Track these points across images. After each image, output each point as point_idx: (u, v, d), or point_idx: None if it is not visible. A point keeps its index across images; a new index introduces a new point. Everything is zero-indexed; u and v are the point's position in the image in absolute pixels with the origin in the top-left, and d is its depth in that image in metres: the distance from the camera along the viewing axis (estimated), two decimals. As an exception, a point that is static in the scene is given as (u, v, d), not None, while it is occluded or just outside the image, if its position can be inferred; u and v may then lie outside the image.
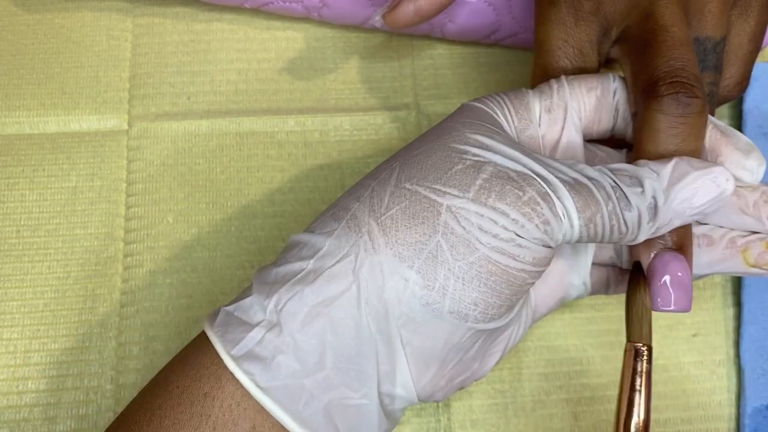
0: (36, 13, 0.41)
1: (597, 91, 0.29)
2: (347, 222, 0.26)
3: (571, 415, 0.35)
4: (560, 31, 0.30)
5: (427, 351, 0.26)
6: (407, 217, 0.25)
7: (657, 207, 0.25)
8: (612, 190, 0.25)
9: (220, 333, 0.25)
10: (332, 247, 0.25)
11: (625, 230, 0.25)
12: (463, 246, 0.24)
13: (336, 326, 0.25)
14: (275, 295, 0.25)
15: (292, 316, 0.25)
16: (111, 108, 0.39)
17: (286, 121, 0.39)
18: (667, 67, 0.27)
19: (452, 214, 0.24)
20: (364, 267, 0.25)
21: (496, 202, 0.24)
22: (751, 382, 0.35)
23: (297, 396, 0.24)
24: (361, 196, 0.26)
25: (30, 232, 0.36)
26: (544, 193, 0.25)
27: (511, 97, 0.28)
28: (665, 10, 0.28)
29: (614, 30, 0.30)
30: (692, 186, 0.25)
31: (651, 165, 0.26)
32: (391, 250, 0.25)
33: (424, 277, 0.24)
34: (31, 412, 0.33)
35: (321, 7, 0.38)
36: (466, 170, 0.25)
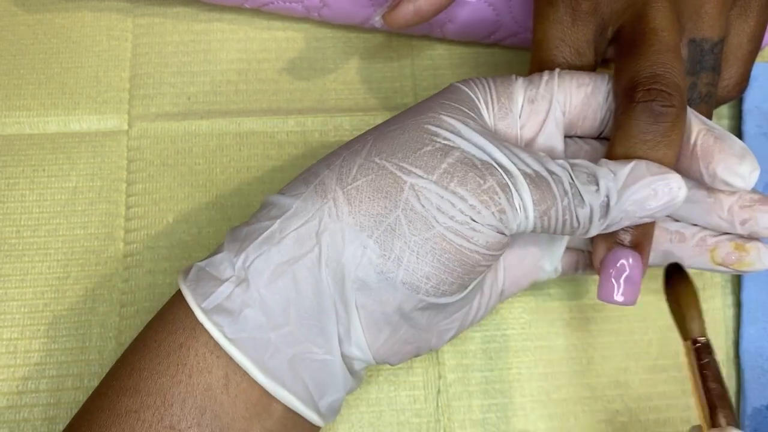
0: (36, 13, 0.41)
1: (587, 88, 0.29)
2: (315, 187, 0.27)
3: (571, 414, 0.35)
4: (558, 31, 0.30)
5: (379, 316, 0.27)
6: (372, 190, 0.26)
7: (609, 206, 0.26)
8: (569, 187, 0.26)
9: (192, 287, 0.27)
10: (299, 209, 0.27)
11: (577, 225, 0.27)
12: (420, 222, 0.26)
13: (299, 284, 0.26)
14: (243, 252, 0.27)
15: (259, 273, 0.26)
16: (111, 108, 0.39)
17: (286, 122, 0.39)
18: (648, 72, 0.27)
19: (414, 192, 0.26)
20: (326, 231, 0.26)
21: (457, 187, 0.26)
22: (751, 382, 0.35)
23: (263, 348, 0.26)
24: (332, 164, 0.28)
25: (30, 232, 0.36)
26: (504, 184, 0.26)
27: (497, 83, 0.29)
28: (657, 12, 0.28)
29: (610, 29, 0.30)
30: (645, 190, 0.26)
31: (610, 165, 0.27)
32: (353, 218, 0.26)
33: (381, 247, 0.26)
34: (31, 412, 0.33)
35: (321, 7, 0.38)
36: (434, 152, 0.26)
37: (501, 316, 0.36)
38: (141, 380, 0.26)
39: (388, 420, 0.34)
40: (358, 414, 0.34)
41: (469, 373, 0.35)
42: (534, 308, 0.36)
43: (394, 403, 0.34)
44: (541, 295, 0.37)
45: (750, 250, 0.29)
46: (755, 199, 0.29)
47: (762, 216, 0.28)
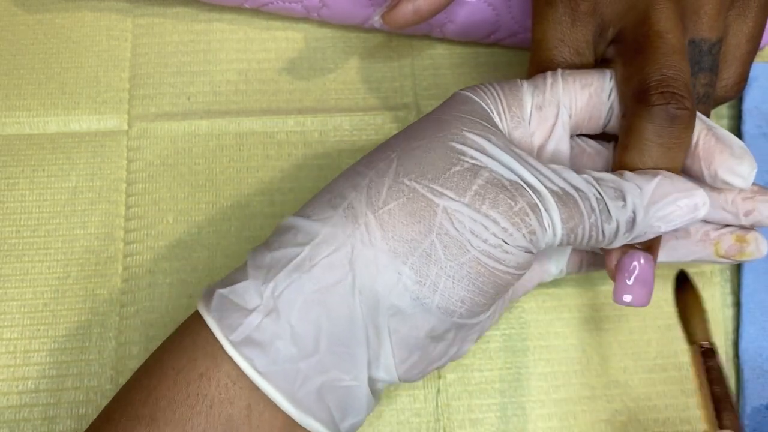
0: (36, 13, 0.41)
1: (591, 88, 0.29)
2: (344, 211, 0.26)
3: (571, 414, 0.35)
4: (557, 31, 0.30)
5: (412, 340, 0.27)
6: (405, 214, 0.26)
7: (635, 221, 0.27)
8: (596, 203, 0.26)
9: (217, 317, 0.26)
10: (329, 235, 0.26)
11: (602, 239, 0.27)
12: (456, 247, 0.25)
13: (331, 312, 0.26)
14: (272, 281, 0.26)
15: (289, 303, 0.25)
16: (111, 108, 0.39)
17: (286, 121, 0.39)
18: (659, 76, 0.27)
19: (447, 215, 0.25)
20: (360, 259, 0.25)
21: (490, 209, 0.25)
22: (751, 382, 0.35)
23: (293, 378, 0.25)
24: (358, 185, 0.27)
25: (30, 232, 0.36)
26: (534, 204, 0.26)
27: (505, 91, 0.29)
28: (661, 15, 0.28)
29: (610, 30, 0.30)
30: (671, 207, 0.27)
31: (636, 179, 0.27)
32: (387, 244, 0.25)
33: (417, 273, 0.25)
34: (31, 412, 0.33)
35: (321, 7, 0.38)
36: (464, 173, 0.26)
37: (501, 316, 0.36)
38: (158, 409, 0.25)
39: (388, 419, 0.34)
40: (357, 414, 0.34)
41: (469, 373, 0.35)
42: (534, 308, 0.36)
43: (393, 402, 0.34)
44: (541, 296, 0.37)
45: (750, 241, 0.30)
46: (755, 191, 0.30)
47: (764, 206, 0.30)
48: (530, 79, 0.29)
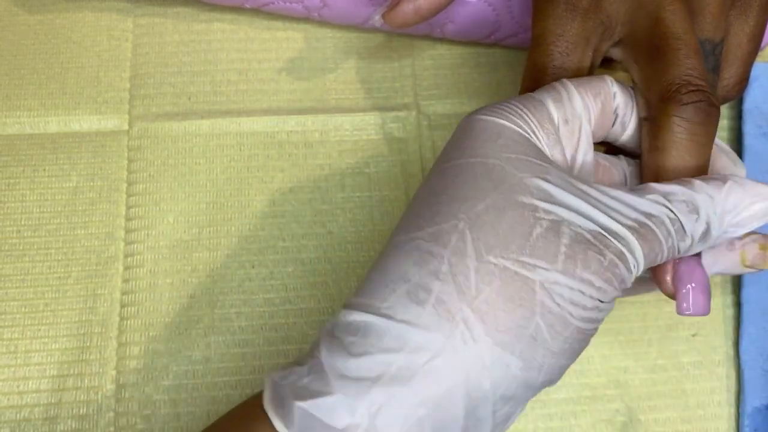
0: (36, 13, 0.41)
1: (601, 96, 0.29)
2: (434, 307, 0.24)
3: (571, 414, 0.35)
4: (556, 27, 0.30)
5: (509, 413, 0.25)
6: (503, 300, 0.24)
7: (709, 233, 0.26)
8: (671, 224, 0.25)
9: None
10: (424, 338, 0.23)
11: (677, 254, 0.26)
12: (559, 324, 0.24)
13: (434, 423, 0.24)
14: (366, 396, 0.23)
15: (389, 421, 0.23)
16: (111, 108, 0.39)
17: (287, 121, 0.39)
18: (685, 76, 0.27)
19: (546, 291, 0.24)
20: (465, 360, 0.23)
21: (583, 272, 0.24)
22: (751, 381, 0.35)
23: None
24: (439, 271, 0.24)
25: (30, 232, 0.36)
26: (621, 253, 0.24)
27: (530, 109, 0.27)
28: (675, 16, 0.28)
29: (618, 29, 0.30)
30: (745, 213, 0.26)
31: (706, 188, 0.26)
32: (491, 338, 0.23)
33: (524, 361, 0.24)
34: (31, 412, 0.33)
35: (321, 7, 0.38)
36: (546, 235, 0.24)
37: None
38: None
39: (389, 420, 0.34)
40: (358, 414, 0.34)
41: (469, 373, 0.35)
42: (534, 308, 0.36)
43: (394, 402, 0.34)
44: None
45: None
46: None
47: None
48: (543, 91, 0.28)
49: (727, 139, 0.40)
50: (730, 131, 0.40)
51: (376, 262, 0.26)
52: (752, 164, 0.38)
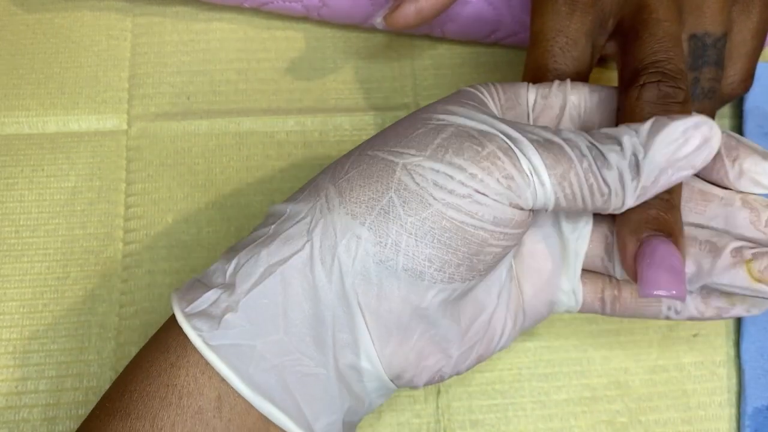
0: (35, 12, 0.41)
1: (601, 93, 0.29)
2: (309, 189, 0.26)
3: (571, 415, 0.35)
4: (555, 22, 0.30)
5: (387, 315, 0.25)
6: (362, 178, 0.25)
7: (639, 163, 0.24)
8: (588, 150, 0.24)
9: (180, 295, 0.26)
10: (293, 212, 0.26)
11: (607, 191, 0.24)
12: (416, 201, 0.24)
13: (288, 286, 0.25)
14: (235, 258, 0.26)
15: (246, 277, 0.25)
16: (110, 108, 0.39)
17: (286, 121, 0.39)
18: (651, 58, 0.27)
19: (407, 171, 0.24)
20: (318, 227, 0.25)
21: (453, 157, 0.24)
22: (752, 382, 0.35)
23: (247, 357, 0.24)
24: (328, 168, 0.27)
25: (29, 232, 0.36)
26: (506, 147, 0.24)
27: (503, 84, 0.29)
28: (659, 4, 0.28)
29: (610, 21, 0.30)
30: (673, 135, 0.24)
31: (631, 126, 0.25)
32: (345, 208, 0.25)
33: (376, 234, 0.24)
34: (30, 413, 0.33)
35: (321, 6, 0.38)
36: (427, 132, 0.25)
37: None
38: (131, 402, 0.25)
39: (388, 421, 0.34)
40: (358, 414, 0.34)
41: (469, 374, 0.35)
42: (534, 308, 0.36)
43: (393, 403, 0.34)
44: (542, 296, 0.36)
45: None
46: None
47: None
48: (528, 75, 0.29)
49: (728, 139, 0.40)
50: (731, 130, 0.40)
51: None
52: (753, 164, 0.38)
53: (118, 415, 0.25)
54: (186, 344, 0.25)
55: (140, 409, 0.24)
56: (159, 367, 0.25)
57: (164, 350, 0.25)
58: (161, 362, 0.25)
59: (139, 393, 0.25)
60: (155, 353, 0.26)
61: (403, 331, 0.25)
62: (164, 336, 0.26)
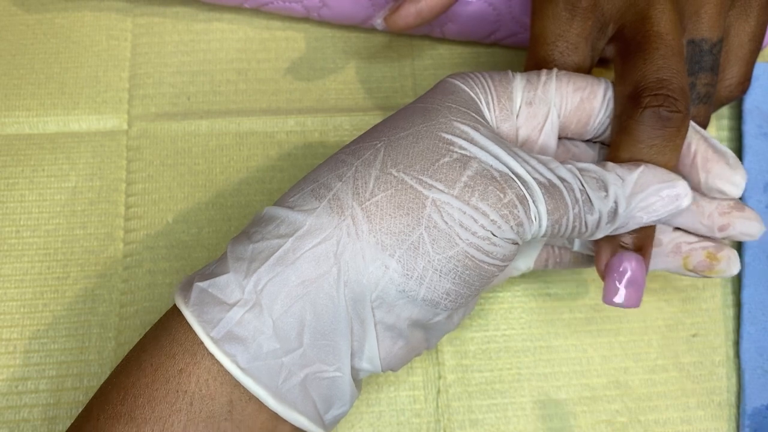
0: (35, 13, 0.41)
1: (584, 92, 0.29)
2: (329, 202, 0.26)
3: (571, 415, 0.35)
4: (555, 26, 0.30)
5: (396, 329, 0.27)
6: (392, 206, 0.25)
7: (617, 212, 0.27)
8: (579, 194, 0.26)
9: (196, 312, 0.25)
10: (313, 227, 0.25)
11: (585, 230, 0.27)
12: (444, 240, 0.25)
13: (315, 306, 0.25)
14: (254, 274, 0.25)
15: (272, 297, 0.25)
16: (110, 108, 0.39)
17: (286, 121, 0.39)
18: (654, 77, 0.27)
19: (437, 208, 0.25)
20: (346, 252, 0.25)
21: (479, 201, 0.25)
22: (751, 382, 0.35)
23: (276, 373, 0.25)
24: (344, 175, 0.26)
25: (29, 232, 0.36)
26: (522, 196, 0.26)
27: (495, 83, 0.28)
28: (662, 15, 0.28)
29: (610, 27, 0.30)
30: (653, 197, 0.27)
31: (617, 170, 0.27)
32: (374, 237, 0.25)
33: (404, 266, 0.25)
34: (30, 413, 0.33)
35: (321, 7, 0.38)
36: (452, 164, 0.26)
37: (501, 316, 0.36)
38: (137, 407, 0.25)
39: (388, 420, 0.34)
40: (358, 414, 0.34)
41: (469, 374, 0.35)
42: (534, 308, 0.36)
43: (394, 403, 0.34)
44: (541, 296, 0.37)
45: (721, 259, 0.30)
46: (732, 206, 0.30)
47: (738, 222, 0.30)
48: (523, 73, 0.29)
49: (728, 139, 0.40)
50: (730, 131, 0.40)
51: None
52: (752, 164, 0.38)
53: (122, 419, 0.25)
54: (196, 351, 0.25)
55: (147, 413, 0.25)
56: (166, 372, 0.25)
57: (170, 354, 0.25)
58: (168, 367, 0.25)
59: (145, 398, 0.25)
60: (159, 357, 0.25)
61: (404, 339, 0.27)
62: (167, 338, 0.26)
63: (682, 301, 0.37)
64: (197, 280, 0.26)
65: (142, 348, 0.27)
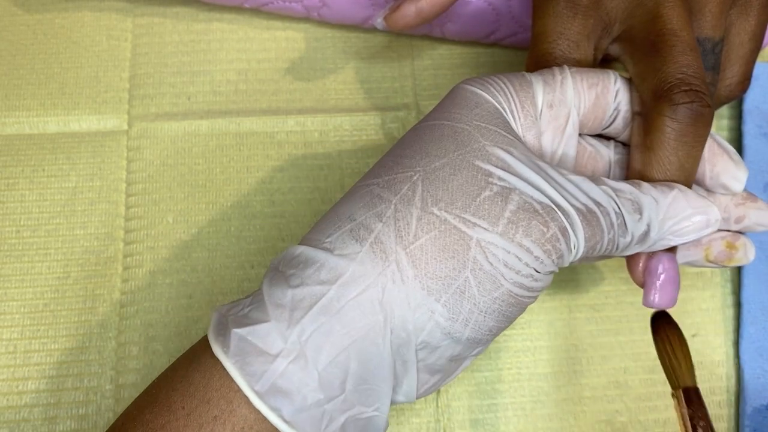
0: (36, 13, 0.41)
1: (598, 88, 0.29)
2: (371, 246, 0.25)
3: (571, 415, 0.35)
4: (557, 24, 0.30)
5: (436, 366, 0.26)
6: (437, 249, 0.25)
7: (649, 234, 0.27)
8: (615, 217, 0.26)
9: (239, 364, 0.24)
10: (356, 273, 0.24)
11: (615, 250, 0.27)
12: (489, 282, 0.25)
13: (360, 355, 0.25)
14: (298, 324, 0.24)
15: (317, 349, 0.24)
16: (111, 108, 0.39)
17: (286, 121, 0.39)
18: (679, 74, 0.27)
19: (481, 249, 0.25)
20: (392, 299, 0.24)
21: (523, 238, 0.25)
22: (751, 382, 0.35)
23: (318, 421, 0.24)
24: (383, 214, 0.25)
25: (30, 232, 0.36)
26: (564, 228, 0.25)
27: (516, 88, 0.28)
28: (673, 12, 0.28)
29: (616, 26, 0.30)
30: (685, 222, 0.27)
31: (653, 192, 0.27)
32: (420, 283, 0.24)
33: (449, 311, 0.25)
34: (30, 413, 0.33)
35: (321, 7, 0.38)
36: (494, 198, 0.25)
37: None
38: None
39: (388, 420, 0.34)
40: (358, 414, 0.34)
41: (469, 373, 0.35)
42: (534, 308, 0.36)
43: (394, 403, 0.34)
44: (541, 295, 0.36)
45: (739, 248, 0.31)
46: (745, 197, 0.30)
47: (753, 212, 0.30)
48: (538, 73, 0.29)
49: (727, 139, 0.40)
50: (730, 131, 0.40)
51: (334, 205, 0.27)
52: (752, 164, 0.38)
53: None
54: (232, 398, 0.24)
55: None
56: (200, 417, 0.24)
57: (204, 400, 0.24)
58: (202, 412, 0.24)
59: None
60: (193, 401, 0.25)
61: (442, 372, 0.27)
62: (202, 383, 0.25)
63: (682, 301, 0.37)
64: (234, 326, 0.25)
65: (172, 387, 0.25)
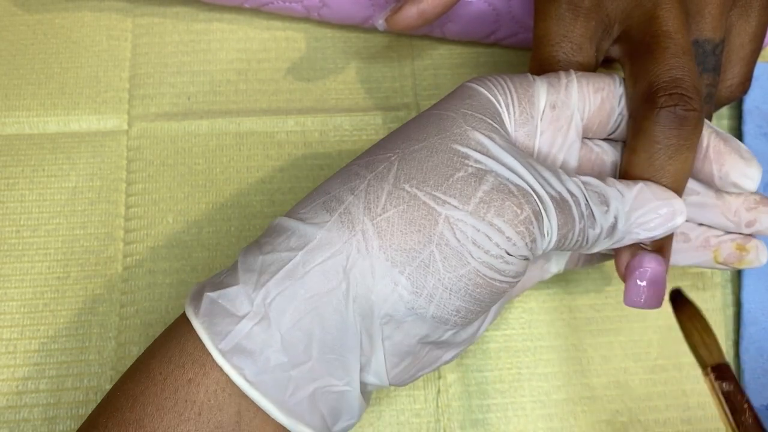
0: (36, 13, 0.41)
1: (603, 92, 0.29)
2: (340, 216, 0.25)
3: (571, 415, 0.35)
4: (559, 27, 0.30)
5: (404, 346, 0.26)
6: (404, 222, 0.25)
7: (616, 227, 0.27)
8: (585, 208, 0.26)
9: (206, 324, 0.25)
10: (323, 240, 0.25)
11: (585, 244, 0.27)
12: (455, 259, 0.25)
13: (323, 320, 0.25)
14: (263, 288, 0.25)
15: (281, 311, 0.25)
16: (111, 108, 0.39)
17: (286, 121, 0.39)
18: (667, 77, 0.27)
19: (449, 225, 0.25)
20: (355, 267, 0.25)
21: (495, 217, 0.25)
22: (751, 382, 0.35)
23: (284, 386, 0.25)
24: (356, 188, 0.26)
25: (30, 232, 0.36)
26: (538, 212, 0.25)
27: (516, 86, 0.28)
28: (669, 14, 0.28)
29: (616, 27, 0.30)
30: (651, 214, 0.27)
31: (618, 185, 0.27)
32: (384, 254, 0.25)
33: (413, 284, 0.25)
34: (30, 412, 0.33)
35: (321, 7, 0.38)
36: (467, 179, 0.25)
37: (501, 316, 0.36)
38: (146, 415, 0.25)
39: (388, 420, 0.34)
40: (358, 414, 0.34)
41: (469, 373, 0.35)
42: (534, 308, 0.36)
43: (393, 403, 0.34)
44: (541, 295, 0.37)
45: (750, 250, 0.30)
46: (758, 201, 0.30)
47: (765, 217, 0.30)
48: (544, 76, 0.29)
49: (727, 140, 0.40)
50: (730, 131, 0.40)
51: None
52: (752, 164, 0.38)
53: (131, 427, 0.25)
54: (205, 362, 0.25)
55: (156, 422, 0.25)
56: (175, 381, 0.25)
57: (179, 364, 0.25)
58: (177, 377, 0.25)
59: (154, 406, 0.25)
60: (168, 366, 0.25)
61: (413, 357, 0.27)
62: (177, 348, 0.26)
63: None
64: (208, 290, 0.26)
65: (151, 355, 0.26)
